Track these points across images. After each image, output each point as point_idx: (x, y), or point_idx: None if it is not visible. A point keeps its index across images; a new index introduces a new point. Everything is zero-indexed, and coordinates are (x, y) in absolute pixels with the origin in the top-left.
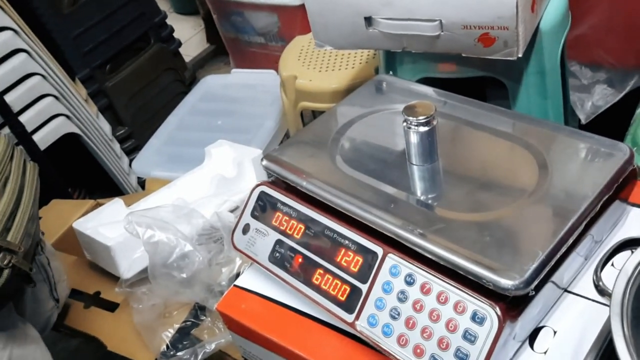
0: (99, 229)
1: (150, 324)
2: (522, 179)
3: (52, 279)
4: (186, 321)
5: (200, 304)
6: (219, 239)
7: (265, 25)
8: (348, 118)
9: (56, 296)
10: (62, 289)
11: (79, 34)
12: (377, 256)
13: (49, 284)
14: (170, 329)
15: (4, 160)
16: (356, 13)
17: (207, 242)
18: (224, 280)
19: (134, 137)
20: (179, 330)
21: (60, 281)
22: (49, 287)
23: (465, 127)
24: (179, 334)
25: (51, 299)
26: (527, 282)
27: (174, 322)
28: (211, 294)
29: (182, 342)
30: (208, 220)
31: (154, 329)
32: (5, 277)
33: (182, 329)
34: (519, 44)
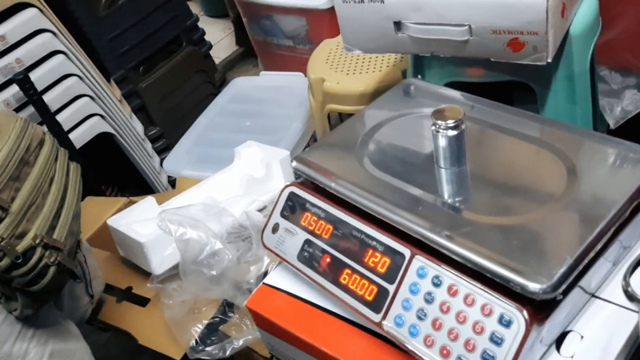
0: (132, 225)
1: (180, 319)
2: (550, 184)
3: (87, 275)
4: (214, 317)
5: (229, 300)
6: (247, 238)
7: (293, 28)
8: (376, 121)
9: (91, 292)
10: (96, 284)
11: (114, 36)
12: (405, 257)
13: (85, 281)
14: (199, 324)
15: (50, 161)
16: (386, 18)
17: (235, 241)
18: (252, 278)
19: (165, 137)
20: (207, 326)
21: (95, 277)
22: (84, 283)
23: (493, 131)
24: (208, 330)
25: (86, 295)
26: (555, 286)
27: (202, 318)
28: (239, 291)
29: (210, 337)
30: (237, 219)
31: (183, 324)
32: (52, 274)
33: (211, 324)
34: (548, 49)
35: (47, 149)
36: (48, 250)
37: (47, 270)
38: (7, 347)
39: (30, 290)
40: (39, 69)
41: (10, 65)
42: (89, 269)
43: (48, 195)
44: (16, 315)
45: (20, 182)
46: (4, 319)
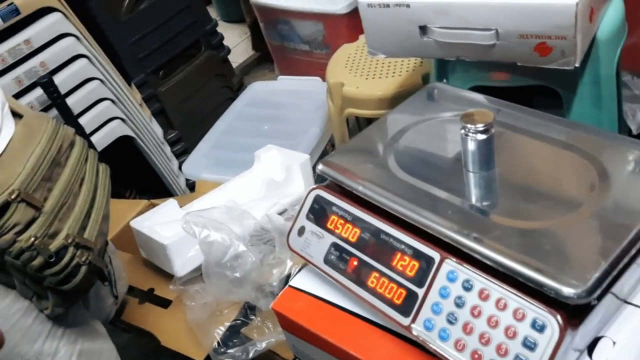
0: (155, 227)
1: (203, 321)
2: (581, 188)
3: (112, 276)
4: (236, 320)
5: (251, 303)
6: (269, 240)
7: (310, 33)
8: (402, 125)
9: (115, 293)
10: (121, 286)
11: (135, 40)
12: (434, 261)
13: (110, 282)
14: (222, 326)
15: (80, 162)
16: (411, 22)
17: (258, 244)
18: (275, 281)
19: (184, 141)
20: (229, 328)
21: (119, 279)
22: (110, 284)
23: (521, 136)
24: (230, 332)
25: (111, 295)
26: (590, 291)
27: (224, 320)
28: (262, 294)
29: (232, 339)
30: (259, 222)
31: (206, 326)
32: (83, 274)
33: (233, 327)
34: (576, 54)
35: (78, 150)
36: (80, 250)
37: (78, 270)
38: (38, 345)
39: (62, 289)
40: (62, 72)
41: (35, 69)
42: (114, 270)
43: (79, 196)
44: (47, 314)
45: (53, 183)
46: (35, 317)
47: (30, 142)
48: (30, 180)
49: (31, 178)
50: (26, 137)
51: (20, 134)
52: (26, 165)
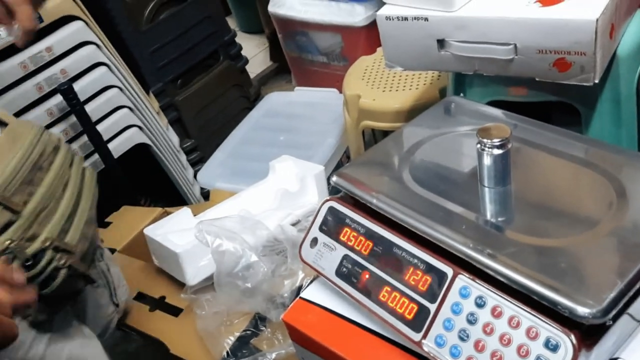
0: (168, 235)
1: (212, 331)
2: (598, 206)
3: (111, 284)
4: (246, 330)
5: (262, 314)
6: (281, 251)
7: (328, 45)
8: (417, 138)
9: (116, 301)
10: (121, 293)
11: (155, 49)
12: (447, 276)
13: (109, 289)
14: (231, 336)
15: (64, 166)
16: (429, 35)
17: (270, 254)
18: (286, 292)
19: (200, 150)
20: (239, 339)
21: (119, 286)
22: (109, 292)
23: (538, 151)
24: (239, 342)
25: (111, 303)
26: (605, 311)
27: (234, 330)
28: (273, 305)
29: (241, 350)
30: (272, 232)
31: (215, 335)
32: (62, 277)
33: (242, 337)
34: (596, 70)
35: (62, 154)
36: (59, 253)
37: (57, 273)
38: (21, 353)
39: (42, 293)
40: (82, 79)
41: (55, 76)
42: (112, 277)
43: (62, 200)
44: (30, 320)
45: (34, 187)
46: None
47: (13, 147)
48: (9, 184)
49: (9, 182)
50: (9, 143)
51: (3, 140)
52: (5, 170)
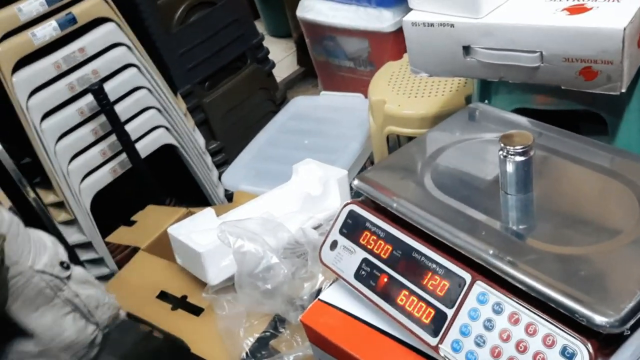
0: (192, 235)
1: (232, 331)
2: (620, 216)
3: (84, 308)
4: (266, 331)
5: (281, 316)
6: (302, 254)
7: (356, 50)
8: (440, 144)
9: (94, 320)
10: (102, 312)
11: (184, 52)
12: (465, 282)
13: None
14: (251, 337)
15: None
16: (455, 42)
17: (291, 257)
18: (306, 295)
19: (225, 152)
20: (258, 340)
21: (99, 306)
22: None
23: (561, 160)
24: (258, 343)
25: (90, 324)
26: (623, 320)
27: (254, 332)
28: (292, 307)
29: (260, 351)
30: (293, 235)
31: (235, 336)
32: None
33: (262, 338)
34: (623, 79)
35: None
36: None
37: None
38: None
39: None
40: (112, 80)
41: (87, 76)
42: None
43: None
44: None
45: None
46: None
47: None
48: None
49: None
50: None
51: None
52: None
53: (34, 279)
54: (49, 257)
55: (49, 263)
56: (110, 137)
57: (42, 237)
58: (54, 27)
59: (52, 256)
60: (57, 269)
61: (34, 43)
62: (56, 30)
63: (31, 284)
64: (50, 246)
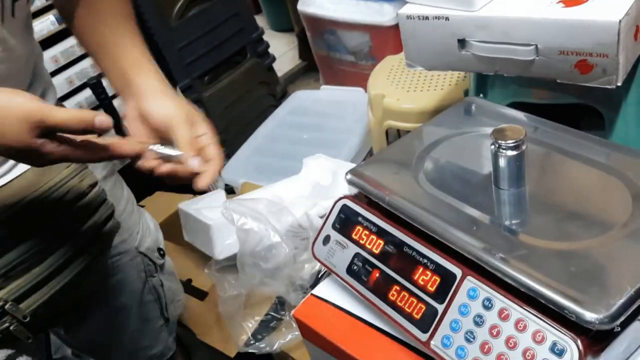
0: (202, 210)
1: (234, 314)
2: (613, 211)
3: (163, 299)
4: (267, 314)
5: (282, 297)
6: (305, 239)
7: (357, 44)
8: (435, 138)
9: (167, 315)
10: (174, 308)
11: (183, 46)
12: (456, 277)
13: (160, 304)
14: (252, 320)
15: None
16: (450, 35)
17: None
18: (306, 275)
19: (226, 146)
20: (260, 323)
21: (173, 301)
22: (159, 307)
23: (556, 154)
24: (260, 326)
25: (161, 318)
26: (613, 317)
27: (255, 314)
28: (292, 287)
29: (262, 333)
30: (297, 219)
31: (237, 318)
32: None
33: (263, 321)
34: (618, 73)
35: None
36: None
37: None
38: None
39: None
40: None
41: (85, 70)
42: (165, 292)
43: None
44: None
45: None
46: None
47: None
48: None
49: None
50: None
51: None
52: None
53: (136, 259)
54: (152, 241)
55: (151, 248)
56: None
57: (147, 220)
58: (52, 22)
59: (154, 240)
60: (155, 254)
61: None
62: (54, 25)
63: (133, 264)
64: (153, 230)
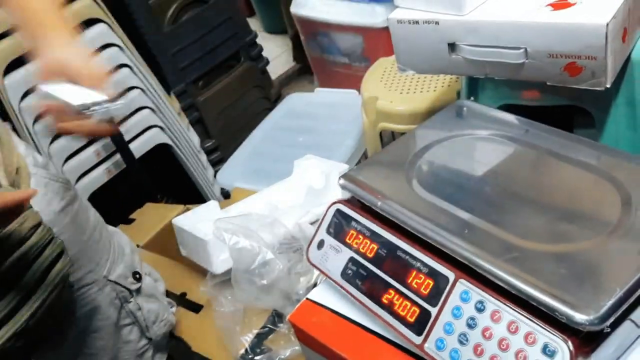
0: (197, 225)
1: (231, 328)
2: (603, 213)
3: (143, 322)
4: (264, 327)
5: (278, 311)
6: (298, 249)
7: (350, 46)
8: (426, 141)
9: (149, 335)
10: (158, 328)
11: (176, 51)
12: (449, 280)
13: (140, 327)
14: (250, 333)
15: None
16: (440, 39)
17: (287, 251)
18: (302, 289)
19: (220, 150)
20: (257, 336)
21: (157, 321)
22: (139, 329)
23: (546, 157)
24: (257, 339)
25: (143, 338)
26: (603, 318)
27: (252, 328)
28: (289, 302)
29: (259, 347)
30: (289, 230)
31: (234, 332)
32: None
33: (260, 334)
34: (607, 75)
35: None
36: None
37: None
38: None
39: None
40: None
41: None
42: (145, 315)
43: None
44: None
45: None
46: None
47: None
48: None
49: None
50: None
51: None
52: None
53: (106, 289)
54: (125, 267)
55: (123, 274)
56: (104, 137)
57: (122, 244)
58: None
59: (127, 266)
60: (129, 280)
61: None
62: None
63: (103, 294)
64: (128, 253)
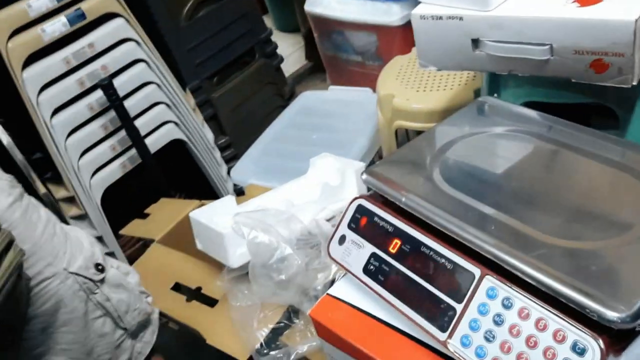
0: (214, 218)
1: (247, 323)
2: (632, 209)
3: (114, 312)
4: (280, 322)
5: (295, 307)
6: (315, 245)
7: (364, 44)
8: (449, 138)
9: (123, 325)
10: (132, 317)
11: (193, 47)
12: (475, 277)
13: (112, 317)
14: (265, 328)
15: None
16: (464, 35)
17: (304, 247)
18: (319, 285)
19: (234, 147)
20: (272, 331)
21: (129, 311)
22: (112, 320)
23: (571, 153)
24: (273, 334)
25: (118, 329)
26: (635, 316)
27: (268, 322)
28: (306, 298)
29: (275, 342)
30: (306, 226)
31: (249, 327)
32: None
33: (276, 329)
34: (634, 72)
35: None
36: None
37: None
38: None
39: None
40: (121, 75)
41: (96, 72)
42: (116, 306)
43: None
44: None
45: None
46: None
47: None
48: None
49: None
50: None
51: None
52: None
53: (68, 281)
54: (84, 259)
55: (84, 265)
56: (120, 132)
57: (79, 237)
58: (64, 23)
59: (87, 258)
60: (91, 271)
61: (44, 39)
62: (65, 26)
63: (65, 286)
64: (87, 247)
